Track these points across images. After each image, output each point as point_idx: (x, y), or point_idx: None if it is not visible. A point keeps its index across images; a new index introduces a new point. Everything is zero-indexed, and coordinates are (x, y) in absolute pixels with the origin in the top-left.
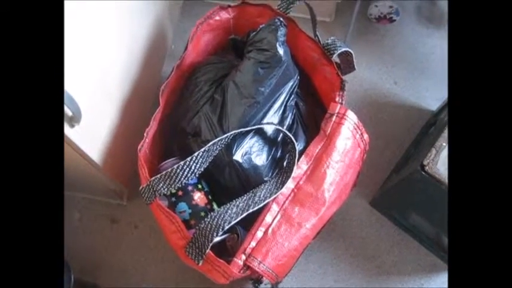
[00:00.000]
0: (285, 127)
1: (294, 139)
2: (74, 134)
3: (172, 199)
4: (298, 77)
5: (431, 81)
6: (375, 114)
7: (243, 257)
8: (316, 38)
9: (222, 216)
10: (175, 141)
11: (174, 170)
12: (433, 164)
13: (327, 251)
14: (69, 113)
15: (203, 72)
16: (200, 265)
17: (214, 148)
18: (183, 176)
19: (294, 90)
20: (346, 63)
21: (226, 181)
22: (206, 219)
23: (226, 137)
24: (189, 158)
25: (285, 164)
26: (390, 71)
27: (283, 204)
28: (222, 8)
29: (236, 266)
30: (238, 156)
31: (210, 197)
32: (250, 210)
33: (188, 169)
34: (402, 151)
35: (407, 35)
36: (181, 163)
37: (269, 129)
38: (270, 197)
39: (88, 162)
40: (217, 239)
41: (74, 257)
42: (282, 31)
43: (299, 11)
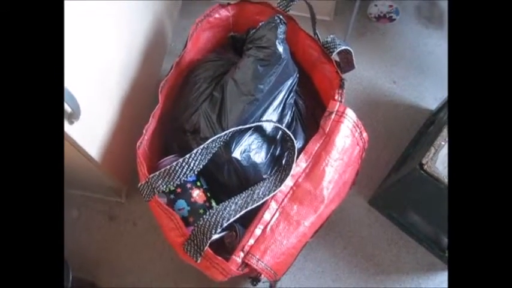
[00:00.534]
0: (284, 125)
1: (293, 137)
2: (73, 131)
3: (171, 196)
4: (298, 75)
5: (430, 80)
6: (373, 113)
7: (242, 254)
8: (315, 36)
9: (221, 213)
10: (174, 138)
11: (173, 167)
12: (432, 163)
13: (325, 250)
14: (69, 109)
15: (202, 69)
16: (198, 262)
17: (213, 145)
18: (182, 173)
19: (293, 88)
20: (346, 62)
21: (225, 178)
22: (205, 217)
23: (225, 134)
24: (188, 155)
25: (283, 162)
26: (389, 70)
27: (282, 201)
28: (222, 6)
29: (234, 264)
30: (237, 153)
31: (208, 194)
32: (249, 208)
33: (187, 166)
34: (401, 150)
35: (406, 34)
36: (180, 160)
37: (268, 127)
38: (268, 194)
39: (87, 159)
40: (215, 237)
41: (73, 254)
42: (281, 29)
43: (299, 9)
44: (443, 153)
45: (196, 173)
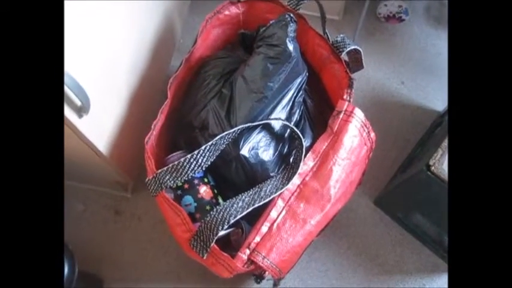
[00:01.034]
0: (292, 123)
1: (301, 135)
2: (82, 124)
3: (178, 192)
4: (307, 73)
5: (438, 82)
6: (381, 113)
7: (247, 251)
8: (325, 36)
9: (228, 210)
10: (182, 134)
11: (181, 163)
12: (439, 164)
13: (330, 249)
14: (78, 102)
15: (211, 66)
16: (204, 258)
17: (222, 142)
18: (190, 169)
19: (302, 86)
20: (355, 61)
21: (233, 175)
22: (212, 213)
23: (234, 131)
24: (196, 152)
25: (291, 160)
26: (398, 70)
27: (289, 200)
28: (232, 3)
29: (240, 260)
30: (245, 150)
31: (215, 191)
32: (256, 205)
33: (195, 162)
34: (408, 151)
35: (415, 35)
36: (188, 156)
37: (276, 125)
38: (275, 192)
39: (95, 153)
40: (222, 233)
41: (78, 247)
42: (292, 27)
43: (308, 8)
44: None
45: (204, 169)
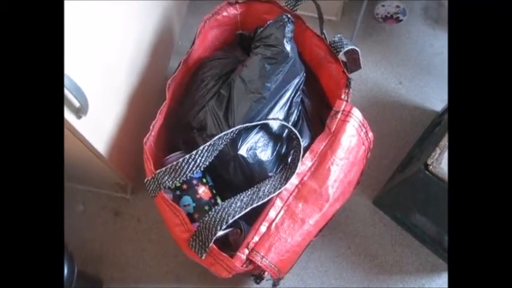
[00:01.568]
0: (290, 123)
1: (299, 135)
2: (81, 126)
3: (177, 192)
4: (305, 74)
5: (436, 81)
6: (379, 113)
7: (246, 251)
8: (322, 36)
9: (226, 210)
10: (180, 135)
11: (180, 163)
12: (437, 164)
13: (329, 249)
14: (77, 103)
15: (209, 67)
16: (203, 258)
17: (220, 142)
18: (188, 170)
19: (300, 86)
20: (352, 62)
21: (231, 175)
22: (210, 213)
23: (232, 131)
24: (194, 152)
25: (289, 160)
26: (396, 70)
27: (287, 199)
28: (230, 4)
29: (239, 260)
30: (243, 151)
31: (214, 191)
32: (254, 205)
33: (193, 163)
34: (406, 150)
35: (413, 35)
36: (187, 156)
37: (274, 125)
38: (274, 192)
39: (94, 154)
40: (220, 233)
41: (77, 248)
42: (289, 27)
43: (306, 9)
44: None
45: (202, 169)
